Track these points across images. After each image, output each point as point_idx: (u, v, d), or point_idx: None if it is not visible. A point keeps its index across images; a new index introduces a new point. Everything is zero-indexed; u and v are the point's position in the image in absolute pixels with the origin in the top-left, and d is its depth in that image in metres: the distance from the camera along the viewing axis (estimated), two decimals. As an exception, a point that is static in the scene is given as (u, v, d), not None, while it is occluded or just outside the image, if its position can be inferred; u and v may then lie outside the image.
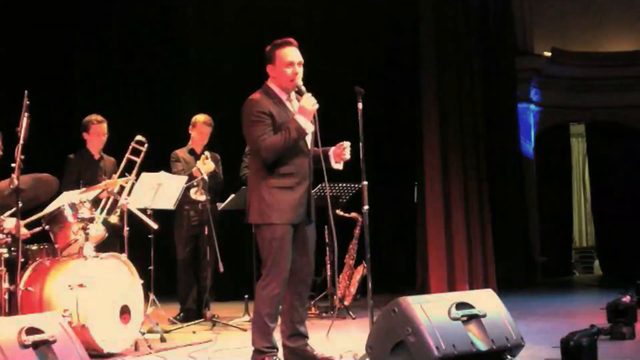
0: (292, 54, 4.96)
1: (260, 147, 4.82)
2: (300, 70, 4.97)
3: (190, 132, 7.78)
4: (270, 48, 5.01)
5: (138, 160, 6.89)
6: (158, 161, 7.54)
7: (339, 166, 5.12)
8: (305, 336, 5.08)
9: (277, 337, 5.04)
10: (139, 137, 6.96)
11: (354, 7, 10.38)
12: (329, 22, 10.43)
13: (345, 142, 5.06)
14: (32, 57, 9.55)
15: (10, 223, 5.58)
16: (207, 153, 7.28)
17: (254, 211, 4.93)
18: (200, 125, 7.70)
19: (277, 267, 4.85)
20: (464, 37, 9.78)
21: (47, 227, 6.04)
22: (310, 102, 4.88)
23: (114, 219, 6.57)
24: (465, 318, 4.41)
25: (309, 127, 4.90)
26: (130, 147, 6.95)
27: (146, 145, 6.92)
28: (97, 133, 7.24)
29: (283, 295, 4.94)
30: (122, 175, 6.70)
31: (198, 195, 7.17)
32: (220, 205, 7.60)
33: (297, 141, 4.87)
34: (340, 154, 5.06)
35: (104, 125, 7.27)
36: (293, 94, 5.05)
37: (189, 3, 10.70)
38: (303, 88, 4.96)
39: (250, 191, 5.02)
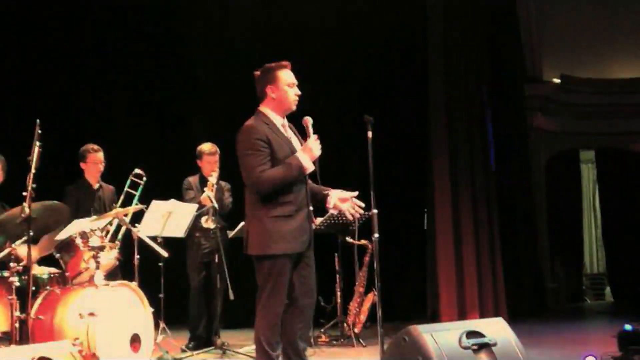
0: (292, 75, 4.89)
1: (258, 180, 4.67)
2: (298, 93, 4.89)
3: (198, 163, 7.76)
4: (269, 69, 4.88)
5: (136, 193, 6.94)
6: (170, 189, 7.56)
7: (334, 211, 5.13)
8: None
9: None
10: (137, 171, 7.03)
11: (363, 34, 10.40)
12: (337, 50, 10.45)
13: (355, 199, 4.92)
14: (43, 87, 9.64)
15: (23, 251, 5.60)
16: (211, 180, 7.28)
17: (254, 242, 4.79)
18: (206, 156, 7.62)
19: (275, 298, 4.77)
20: (473, 65, 9.79)
21: (57, 255, 6.06)
22: (316, 146, 4.79)
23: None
24: (476, 347, 4.39)
25: (310, 167, 4.78)
26: (129, 180, 7.00)
27: (144, 178, 6.98)
28: (94, 162, 7.26)
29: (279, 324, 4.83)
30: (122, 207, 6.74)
31: (209, 223, 7.20)
32: (231, 233, 7.61)
33: (296, 179, 4.74)
34: (345, 202, 4.90)
35: (100, 154, 7.29)
36: (286, 121, 4.92)
37: (196, 21, 10.72)
38: (311, 129, 4.84)
39: (249, 222, 4.85)
